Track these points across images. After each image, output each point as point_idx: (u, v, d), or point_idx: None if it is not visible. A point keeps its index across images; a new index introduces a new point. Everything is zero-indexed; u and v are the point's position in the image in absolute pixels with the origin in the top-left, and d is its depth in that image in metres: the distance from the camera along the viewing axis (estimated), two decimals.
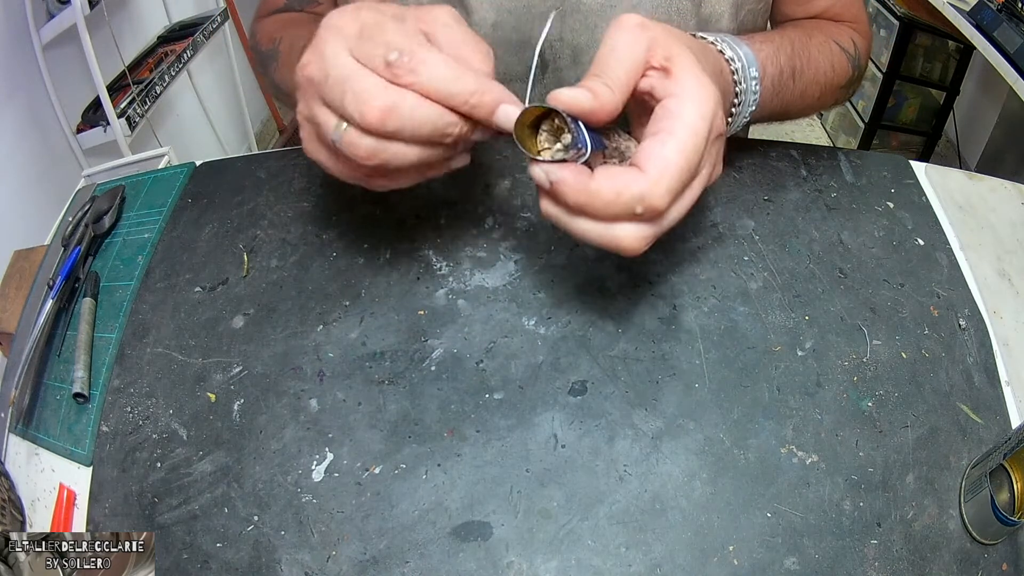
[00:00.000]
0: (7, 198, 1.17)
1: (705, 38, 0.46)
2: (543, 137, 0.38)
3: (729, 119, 0.49)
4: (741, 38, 0.49)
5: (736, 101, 0.47)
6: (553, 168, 0.36)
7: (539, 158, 0.37)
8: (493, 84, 0.37)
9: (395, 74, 0.35)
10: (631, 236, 0.37)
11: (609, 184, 0.35)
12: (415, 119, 0.36)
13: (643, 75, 0.38)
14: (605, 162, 0.38)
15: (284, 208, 0.57)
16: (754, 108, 0.49)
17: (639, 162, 0.36)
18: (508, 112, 0.37)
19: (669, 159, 0.35)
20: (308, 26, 0.58)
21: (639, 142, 0.39)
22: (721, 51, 0.46)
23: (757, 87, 0.48)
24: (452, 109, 0.36)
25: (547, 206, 0.38)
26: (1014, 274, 0.53)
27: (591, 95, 0.36)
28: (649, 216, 0.36)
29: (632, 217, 0.36)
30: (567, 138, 0.37)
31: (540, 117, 0.38)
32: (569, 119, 0.36)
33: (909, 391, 0.45)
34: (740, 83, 0.47)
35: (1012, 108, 1.69)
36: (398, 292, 0.51)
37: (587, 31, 0.57)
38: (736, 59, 0.46)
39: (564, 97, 0.36)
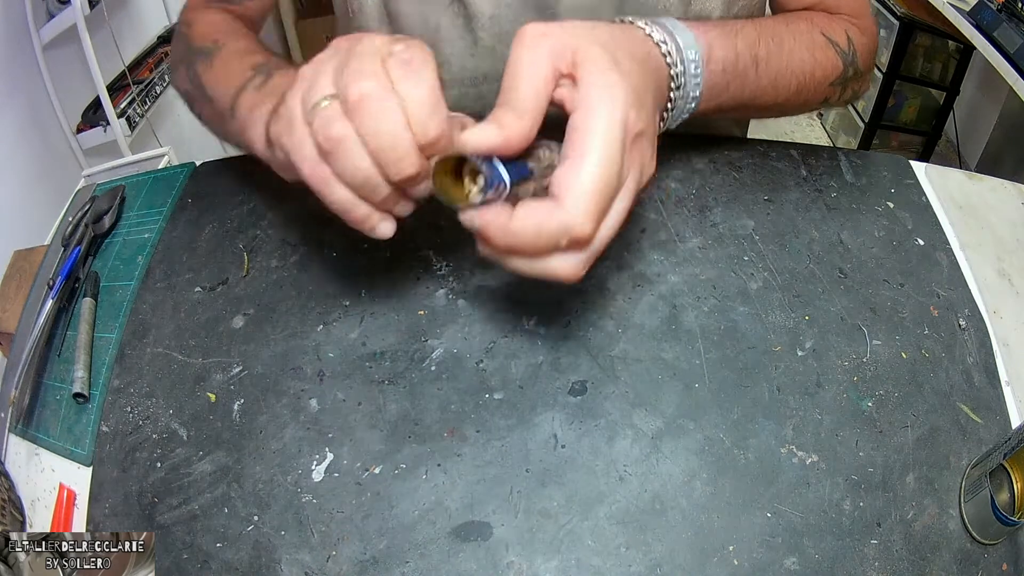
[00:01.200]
0: (7, 198, 1.17)
1: (634, 22, 0.44)
2: (467, 180, 0.37)
3: (669, 106, 0.46)
4: (687, 22, 0.47)
5: (673, 85, 0.45)
6: (474, 215, 0.36)
7: (462, 205, 0.36)
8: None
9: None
10: (564, 266, 0.36)
11: (529, 222, 0.35)
12: (345, 159, 0.37)
13: (556, 85, 0.37)
14: (535, 184, 0.37)
15: (284, 208, 0.57)
16: (697, 94, 0.47)
17: (556, 192, 0.35)
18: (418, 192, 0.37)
19: (584, 184, 0.34)
20: (247, 41, 0.55)
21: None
22: (649, 34, 0.43)
23: (698, 70, 0.45)
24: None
25: (481, 247, 0.37)
26: (1014, 274, 0.53)
27: (497, 128, 0.35)
28: (578, 245, 0.36)
29: (559, 249, 0.35)
30: (480, 180, 0.36)
31: (461, 160, 0.37)
32: (479, 161, 0.35)
33: (909, 391, 0.45)
34: (675, 65, 0.44)
35: (1012, 108, 1.69)
36: (398, 292, 0.51)
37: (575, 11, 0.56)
38: (667, 41, 0.44)
39: (472, 139, 0.35)
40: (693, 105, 0.47)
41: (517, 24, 0.56)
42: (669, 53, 0.43)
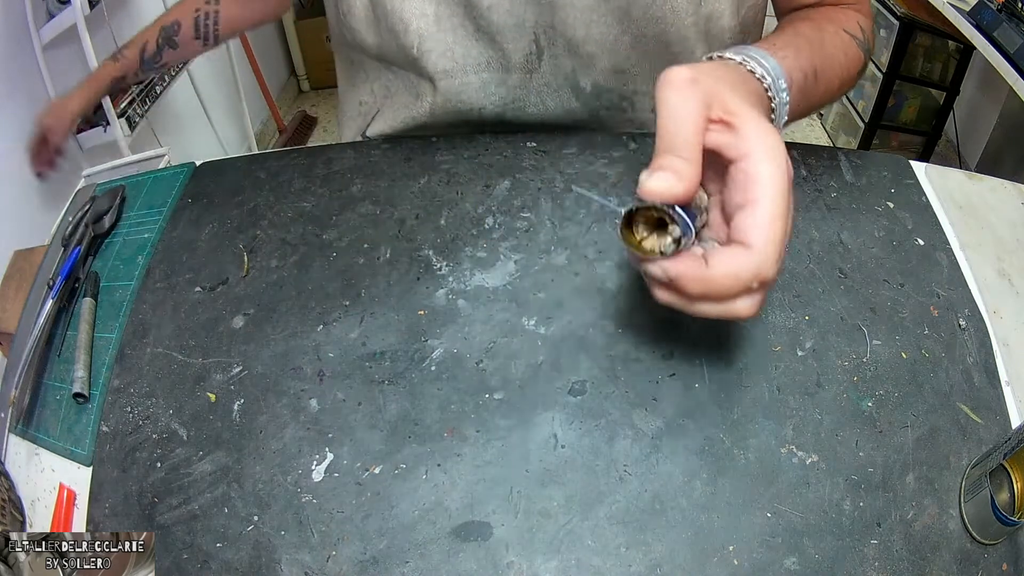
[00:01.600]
0: (7, 198, 1.17)
1: (733, 59, 0.45)
2: (640, 227, 0.38)
3: None
4: (763, 48, 0.48)
5: (772, 117, 0.46)
6: (669, 265, 0.36)
7: (652, 256, 0.37)
8: None
9: None
10: (747, 307, 0.37)
11: (726, 270, 0.36)
12: None
13: (709, 127, 0.38)
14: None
15: (284, 208, 0.58)
16: (785, 119, 0.49)
17: (743, 238, 0.36)
18: None
19: (768, 229, 0.36)
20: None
21: (708, 194, 0.40)
22: (751, 71, 0.45)
23: (787, 97, 0.47)
24: None
25: (664, 295, 0.38)
26: (1014, 274, 0.53)
27: (676, 177, 0.36)
28: (764, 286, 0.37)
29: (749, 292, 0.37)
30: (675, 230, 0.37)
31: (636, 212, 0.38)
32: (672, 211, 0.36)
33: (909, 391, 0.45)
34: (774, 99, 0.46)
35: (1012, 108, 1.69)
36: (398, 292, 0.51)
37: (582, 27, 0.57)
38: (766, 75, 0.45)
39: (657, 189, 0.36)
40: (783, 124, 0.49)
41: (513, 15, 0.56)
42: (769, 87, 0.45)
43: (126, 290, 0.53)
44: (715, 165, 0.40)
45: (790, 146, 0.61)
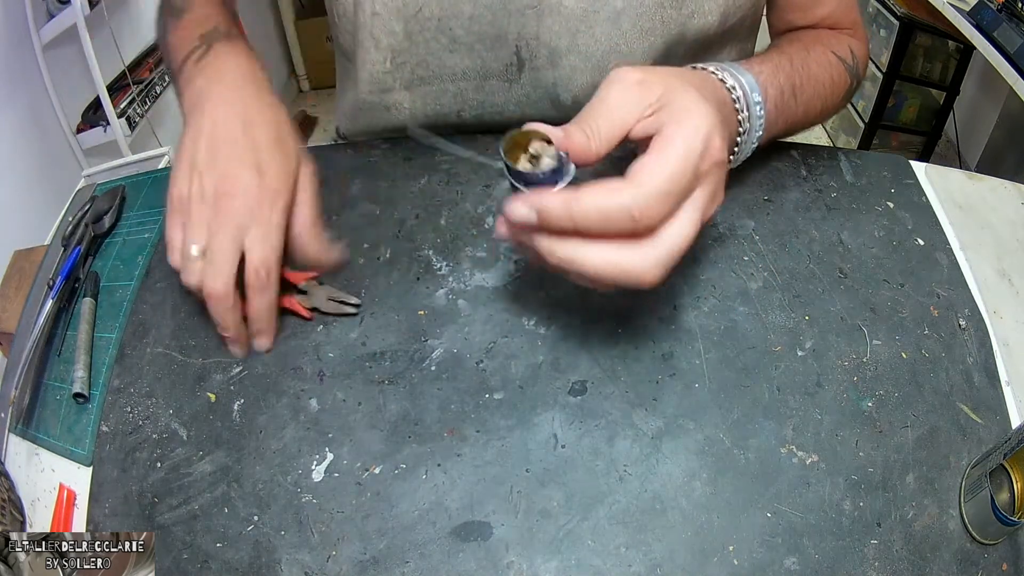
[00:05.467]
0: (7, 198, 1.17)
1: (705, 68, 0.46)
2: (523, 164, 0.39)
3: (736, 149, 0.49)
4: (740, 64, 0.49)
5: (740, 130, 0.47)
6: (535, 196, 0.37)
7: (522, 169, 0.38)
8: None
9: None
10: (635, 259, 0.37)
11: (595, 197, 0.36)
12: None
13: (644, 120, 0.38)
14: None
15: None
16: (761, 133, 0.49)
17: (628, 175, 0.36)
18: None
19: (656, 172, 0.36)
20: (208, 8, 0.57)
21: None
22: (722, 80, 0.46)
23: (762, 112, 0.48)
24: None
25: (543, 242, 0.38)
26: (1014, 274, 0.53)
27: (562, 134, 0.37)
28: (643, 225, 0.36)
29: (626, 227, 0.36)
30: (551, 150, 0.37)
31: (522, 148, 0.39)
32: (554, 147, 0.37)
33: (909, 391, 0.45)
34: (742, 111, 0.46)
35: (1012, 108, 1.69)
36: (398, 292, 0.51)
37: (567, 35, 0.56)
38: (737, 87, 0.46)
39: (541, 127, 0.37)
40: (755, 145, 0.50)
41: (495, 26, 0.56)
42: (738, 99, 0.46)
43: (126, 290, 0.53)
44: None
45: (790, 146, 0.61)
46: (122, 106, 1.34)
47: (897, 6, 1.79)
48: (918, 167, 0.60)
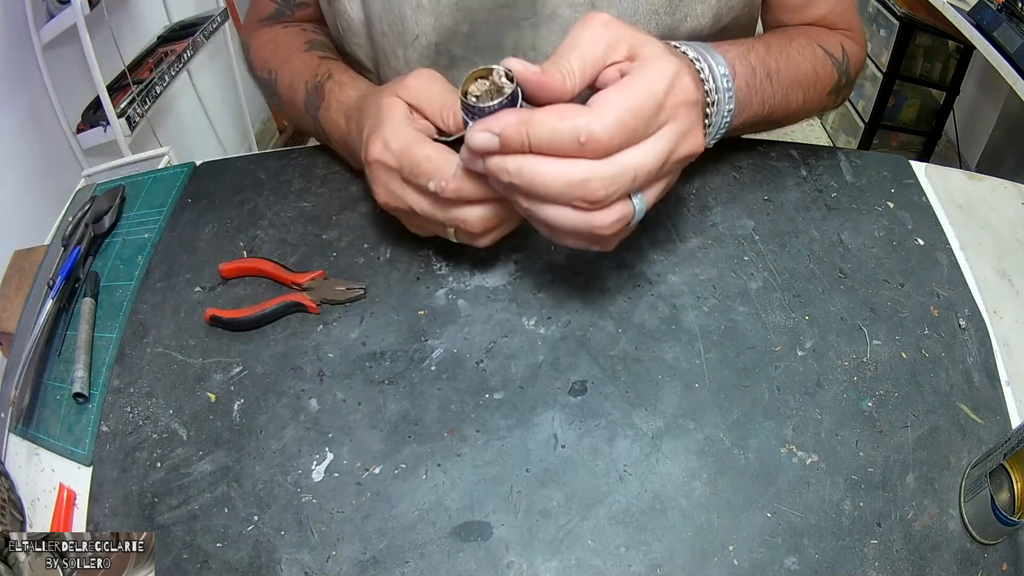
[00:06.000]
0: (7, 198, 1.17)
1: (668, 43, 0.46)
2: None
3: (706, 121, 0.48)
4: (705, 44, 0.49)
5: (708, 100, 0.47)
6: (492, 118, 0.38)
7: (471, 101, 0.39)
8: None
9: (439, 197, 0.43)
10: (586, 169, 0.37)
11: (551, 115, 0.37)
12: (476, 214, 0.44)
13: (607, 67, 0.40)
14: None
15: (284, 208, 0.57)
16: (732, 107, 0.49)
17: (590, 103, 0.37)
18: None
19: (616, 99, 0.37)
20: (296, 56, 0.60)
21: None
22: (684, 52, 0.46)
23: (730, 84, 0.48)
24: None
25: (494, 160, 0.39)
26: (1014, 274, 0.53)
27: (539, 70, 0.38)
28: (593, 148, 0.37)
29: (576, 148, 0.37)
30: (508, 86, 0.38)
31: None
32: (510, 78, 0.38)
33: (909, 391, 0.45)
34: (708, 82, 0.46)
35: (1012, 108, 1.69)
36: (398, 292, 0.51)
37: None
38: (700, 59, 0.46)
39: (514, 63, 0.38)
40: (728, 119, 0.50)
41: (490, 39, 0.56)
42: (702, 70, 0.46)
43: (126, 290, 0.53)
44: None
45: (790, 146, 0.61)
46: (122, 106, 1.34)
47: (897, 6, 1.79)
48: (918, 167, 0.60)
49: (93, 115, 1.36)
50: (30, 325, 0.51)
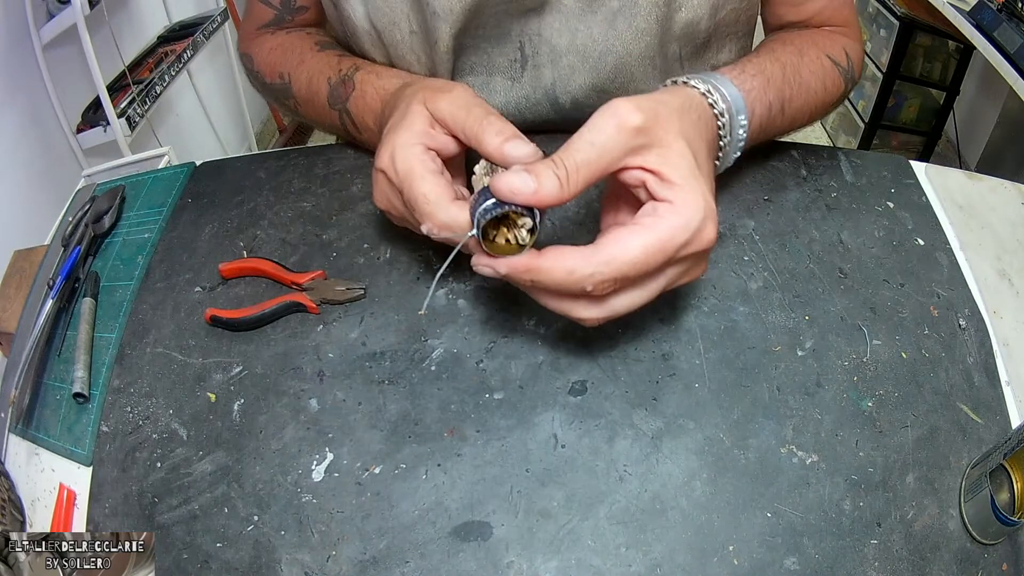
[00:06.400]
0: (7, 198, 1.17)
1: (697, 87, 0.45)
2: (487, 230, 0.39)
3: (716, 164, 0.48)
4: (733, 76, 0.49)
5: (720, 144, 0.47)
6: (503, 262, 0.38)
7: (510, 251, 0.38)
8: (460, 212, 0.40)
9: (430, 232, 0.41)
10: (585, 314, 0.39)
11: (557, 268, 0.37)
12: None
13: (630, 168, 0.38)
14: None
15: (284, 208, 0.57)
16: (737, 155, 0.49)
17: (603, 241, 0.37)
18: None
19: (627, 248, 0.37)
20: (310, 56, 0.59)
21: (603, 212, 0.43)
22: (712, 104, 0.45)
23: (744, 134, 0.48)
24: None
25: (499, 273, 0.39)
26: (1014, 274, 0.53)
27: (533, 184, 0.36)
28: (597, 294, 0.38)
29: (580, 294, 0.38)
30: (527, 222, 0.38)
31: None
32: (524, 210, 0.37)
33: (909, 391, 0.45)
34: (725, 136, 0.46)
35: (1012, 108, 1.69)
36: (398, 292, 0.51)
37: (567, 33, 0.56)
38: (725, 112, 0.46)
39: (503, 188, 0.37)
40: (729, 165, 0.50)
41: (500, 27, 0.56)
42: (723, 126, 0.46)
43: (126, 290, 0.53)
44: (626, 198, 0.41)
45: (790, 146, 0.61)
46: (122, 106, 1.34)
47: (897, 6, 1.79)
48: (918, 167, 0.60)
49: (93, 115, 1.36)
50: (30, 325, 0.51)
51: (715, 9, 0.56)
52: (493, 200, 0.37)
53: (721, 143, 0.47)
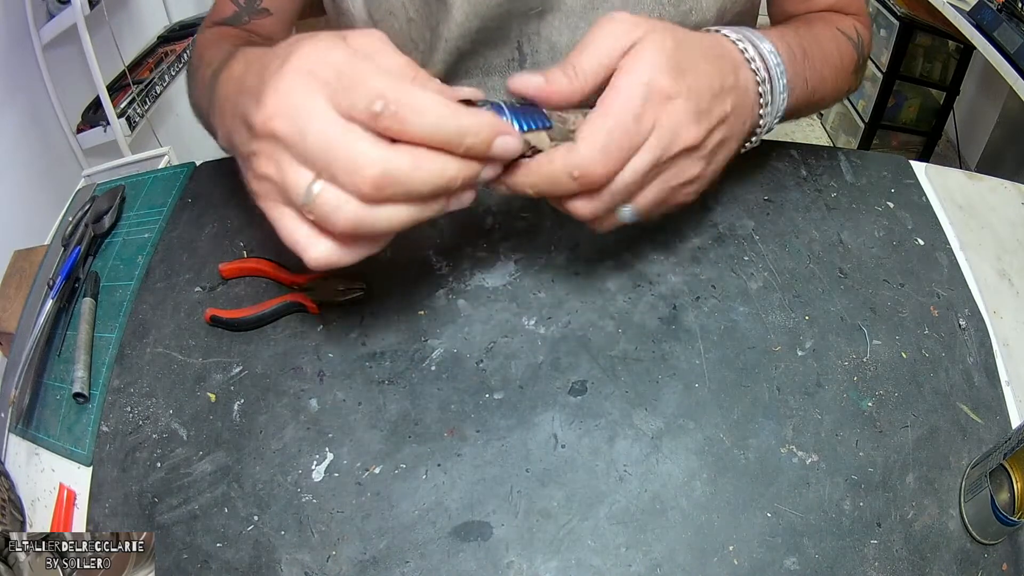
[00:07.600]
0: (7, 198, 1.17)
1: (720, 31, 0.45)
2: None
3: (763, 103, 0.46)
4: (747, 27, 0.48)
5: (758, 79, 0.45)
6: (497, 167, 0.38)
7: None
8: (483, 115, 0.34)
9: (384, 127, 0.31)
10: (582, 207, 0.39)
11: (540, 166, 0.38)
12: (413, 181, 0.32)
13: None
14: (556, 141, 0.39)
15: None
16: (785, 82, 0.47)
17: (575, 138, 0.38)
18: (507, 144, 0.35)
19: (597, 129, 0.37)
20: (230, 47, 0.49)
21: None
22: (726, 35, 0.45)
23: (779, 60, 0.46)
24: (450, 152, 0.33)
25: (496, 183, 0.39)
26: (1014, 274, 0.53)
27: (543, 79, 0.38)
28: (587, 183, 0.38)
29: (572, 188, 0.38)
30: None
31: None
32: (493, 103, 0.37)
33: (909, 391, 0.45)
34: (754, 61, 0.44)
35: (1012, 108, 1.69)
36: (398, 292, 0.51)
37: (568, 31, 0.56)
38: (743, 39, 0.45)
39: (514, 82, 0.38)
40: (785, 95, 0.48)
41: (501, 29, 0.56)
42: (746, 50, 0.45)
43: (126, 290, 0.53)
44: None
45: (790, 146, 0.61)
46: (122, 106, 1.34)
47: (897, 6, 1.79)
48: (918, 167, 0.60)
49: (93, 115, 1.36)
50: (30, 325, 0.51)
51: (722, 12, 0.56)
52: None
53: (753, 67, 0.45)
